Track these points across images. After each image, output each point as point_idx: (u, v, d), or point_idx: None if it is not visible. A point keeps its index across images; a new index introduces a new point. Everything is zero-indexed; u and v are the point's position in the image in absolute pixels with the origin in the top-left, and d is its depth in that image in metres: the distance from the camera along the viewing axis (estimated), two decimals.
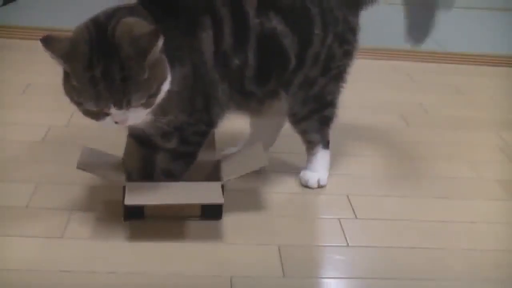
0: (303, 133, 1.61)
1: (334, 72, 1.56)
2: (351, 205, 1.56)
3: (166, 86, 1.26)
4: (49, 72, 2.28)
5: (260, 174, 1.60)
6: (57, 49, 1.22)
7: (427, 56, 2.76)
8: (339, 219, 1.50)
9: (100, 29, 1.24)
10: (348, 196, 1.59)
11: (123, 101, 1.21)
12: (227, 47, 1.38)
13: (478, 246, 1.45)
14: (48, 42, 1.23)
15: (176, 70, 1.29)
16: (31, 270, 1.24)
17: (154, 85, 1.23)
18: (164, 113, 1.32)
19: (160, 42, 1.21)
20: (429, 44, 2.93)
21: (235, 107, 1.48)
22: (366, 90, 1.65)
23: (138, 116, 1.25)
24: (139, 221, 1.40)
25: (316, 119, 1.59)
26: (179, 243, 1.36)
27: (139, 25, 1.24)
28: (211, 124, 1.45)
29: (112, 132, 1.57)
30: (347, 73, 1.59)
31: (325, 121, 1.61)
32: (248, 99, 1.48)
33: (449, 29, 3.31)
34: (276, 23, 1.42)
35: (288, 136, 1.71)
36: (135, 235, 1.37)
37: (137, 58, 1.20)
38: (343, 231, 1.45)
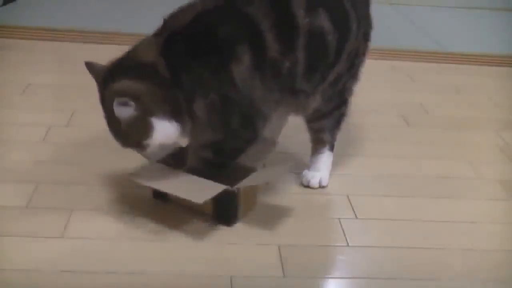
0: (318, 131, 1.62)
1: (355, 69, 1.58)
2: (351, 205, 1.56)
3: (154, 140, 1.36)
4: (49, 72, 2.30)
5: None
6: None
7: (427, 56, 2.77)
8: (339, 219, 1.50)
9: (107, 78, 1.37)
10: (348, 196, 1.59)
11: (119, 143, 1.39)
12: (275, 54, 1.38)
13: (478, 246, 1.45)
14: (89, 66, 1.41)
15: (198, 102, 1.36)
16: (31, 270, 1.24)
17: (133, 139, 1.36)
18: (196, 137, 1.44)
19: (128, 111, 1.31)
20: (429, 44, 2.96)
21: (284, 107, 1.52)
22: (366, 90, 1.65)
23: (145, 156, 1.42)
24: (163, 203, 1.47)
25: (335, 115, 1.60)
26: (179, 243, 1.36)
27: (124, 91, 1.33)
28: (252, 140, 1.47)
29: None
30: (361, 71, 1.61)
31: (340, 119, 1.63)
32: (297, 97, 1.49)
33: (449, 29, 3.33)
34: (323, 20, 1.42)
35: (289, 137, 1.72)
36: (135, 235, 1.37)
37: (111, 117, 1.35)
38: (343, 231, 1.45)
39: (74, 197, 1.48)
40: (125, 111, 1.31)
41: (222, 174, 1.45)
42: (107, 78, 1.36)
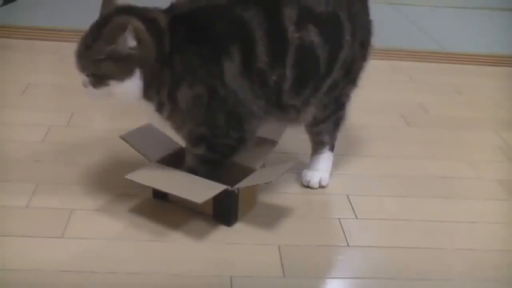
0: (317, 134, 1.63)
1: (353, 75, 1.58)
2: (351, 205, 1.56)
3: (119, 86, 1.33)
4: (49, 72, 2.30)
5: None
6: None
7: (427, 56, 2.77)
8: (339, 219, 1.50)
9: (128, 10, 1.37)
10: (348, 196, 1.59)
11: (79, 64, 1.35)
12: (263, 65, 1.38)
13: (478, 246, 1.45)
14: None
15: (182, 90, 1.37)
16: (31, 270, 1.24)
17: (105, 69, 1.32)
18: (178, 125, 1.44)
19: (126, 36, 1.30)
20: (429, 44, 2.95)
21: (273, 120, 1.51)
22: (366, 90, 1.65)
23: (91, 92, 1.36)
24: (163, 203, 1.47)
25: (332, 120, 1.61)
26: (179, 243, 1.36)
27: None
28: (242, 140, 1.47)
29: (114, 133, 1.57)
30: (360, 76, 1.60)
31: (338, 123, 1.63)
32: (286, 112, 1.49)
33: (449, 29, 3.33)
34: (313, 36, 1.42)
35: (289, 137, 1.71)
36: (135, 235, 1.37)
37: (101, 39, 1.32)
38: (343, 231, 1.45)
39: (74, 197, 1.48)
40: (127, 42, 1.30)
41: (218, 172, 1.45)
42: (128, 10, 1.37)
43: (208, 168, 1.46)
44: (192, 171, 1.45)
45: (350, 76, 1.57)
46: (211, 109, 1.39)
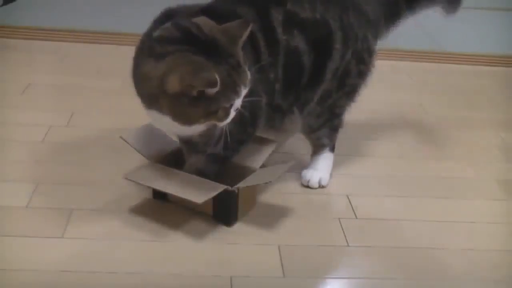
0: (316, 139, 1.64)
1: (348, 89, 1.58)
2: (351, 205, 1.56)
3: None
4: (49, 72, 2.30)
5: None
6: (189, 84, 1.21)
7: (427, 56, 2.76)
8: (339, 219, 1.50)
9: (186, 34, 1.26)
10: (348, 196, 1.59)
11: (247, 81, 1.27)
12: (264, 61, 1.39)
13: (478, 246, 1.45)
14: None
15: None
16: (31, 270, 1.24)
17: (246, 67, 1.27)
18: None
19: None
20: (429, 44, 2.95)
21: (267, 124, 1.51)
22: (366, 90, 1.65)
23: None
24: (163, 203, 1.46)
25: (327, 126, 1.61)
26: (179, 243, 1.36)
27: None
28: (251, 136, 1.48)
29: (114, 133, 1.57)
30: (358, 93, 1.61)
31: (335, 128, 1.64)
32: (274, 113, 1.49)
33: (449, 29, 3.32)
34: (298, 41, 1.43)
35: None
36: (135, 235, 1.37)
37: (232, 44, 1.25)
38: (343, 231, 1.45)
39: (74, 197, 1.48)
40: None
41: (221, 170, 1.45)
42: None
43: (219, 166, 1.46)
44: (199, 172, 1.44)
45: (345, 90, 1.57)
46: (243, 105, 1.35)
